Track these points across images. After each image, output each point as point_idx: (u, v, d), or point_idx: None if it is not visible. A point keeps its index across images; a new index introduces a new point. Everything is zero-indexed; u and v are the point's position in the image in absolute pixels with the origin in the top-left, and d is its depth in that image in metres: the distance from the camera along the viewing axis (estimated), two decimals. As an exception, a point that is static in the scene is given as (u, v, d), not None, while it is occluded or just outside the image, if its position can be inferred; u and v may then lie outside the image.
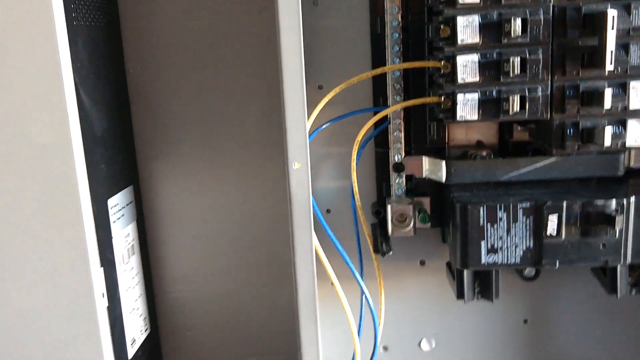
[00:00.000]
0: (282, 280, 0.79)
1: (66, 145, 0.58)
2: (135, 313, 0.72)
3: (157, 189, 0.77)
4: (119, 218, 0.68)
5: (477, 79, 0.60)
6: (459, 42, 0.59)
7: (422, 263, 0.77)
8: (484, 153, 0.69)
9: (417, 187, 0.72)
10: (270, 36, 0.71)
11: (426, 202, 0.71)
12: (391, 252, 0.69)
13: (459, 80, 0.60)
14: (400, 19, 0.67)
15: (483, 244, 0.63)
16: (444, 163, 0.66)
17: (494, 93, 0.60)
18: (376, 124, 0.70)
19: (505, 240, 0.63)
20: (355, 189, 0.69)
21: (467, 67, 0.59)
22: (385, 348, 0.80)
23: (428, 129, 0.69)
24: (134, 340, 0.71)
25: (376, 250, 0.70)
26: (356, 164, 0.68)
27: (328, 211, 0.76)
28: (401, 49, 0.67)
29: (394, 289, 0.77)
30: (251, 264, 0.79)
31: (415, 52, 0.67)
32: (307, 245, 0.62)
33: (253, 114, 0.75)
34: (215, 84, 0.75)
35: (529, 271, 0.74)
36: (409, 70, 0.68)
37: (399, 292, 0.78)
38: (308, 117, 0.64)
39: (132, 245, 0.72)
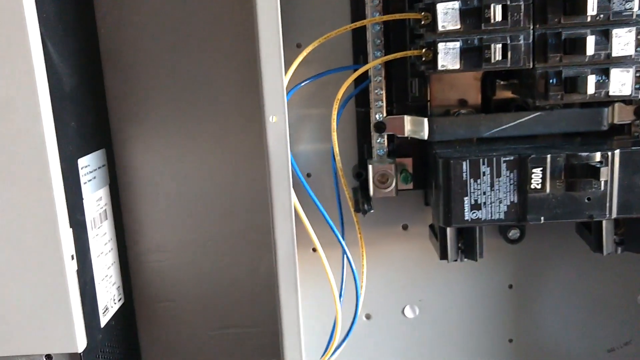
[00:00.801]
0: (262, 248, 0.76)
1: (32, 98, 0.56)
2: (107, 281, 0.69)
3: (131, 154, 0.74)
4: (90, 180, 0.66)
5: (458, 26, 0.58)
6: (439, -10, 0.57)
7: (405, 227, 0.76)
8: (465, 111, 0.67)
9: (399, 148, 0.70)
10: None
11: (408, 163, 0.70)
12: (372, 210, 0.67)
13: (440, 28, 0.58)
14: (378, -29, 0.65)
15: (466, 200, 0.61)
16: (426, 120, 0.65)
17: (475, 41, 0.58)
18: (356, 83, 0.68)
19: (489, 196, 0.61)
20: (336, 150, 0.67)
21: (447, 15, 0.58)
22: (367, 316, 0.78)
23: (410, 87, 0.68)
24: (107, 309, 0.68)
25: (357, 209, 0.68)
26: (336, 124, 0.67)
27: (308, 175, 0.74)
28: (381, 2, 0.65)
29: (375, 254, 0.75)
30: (231, 232, 0.77)
31: (396, 5, 0.65)
32: (286, 203, 0.60)
33: (232, 75, 0.73)
34: (192, 44, 0.72)
35: (514, 233, 0.72)
36: (389, 25, 0.66)
37: (381, 258, 0.76)
38: (287, 72, 0.62)
39: (105, 209, 0.70)
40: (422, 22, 0.60)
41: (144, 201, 0.75)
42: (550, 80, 0.59)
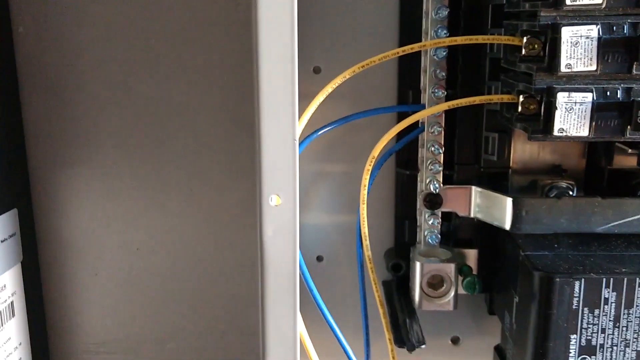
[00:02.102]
0: (247, 356, 0.54)
1: None
2: (10, 411, 0.46)
3: (60, 214, 0.51)
4: (-17, 265, 0.42)
5: (593, 67, 0.35)
6: (568, 1, 0.34)
7: (455, 341, 0.53)
8: (563, 185, 0.45)
9: (457, 231, 0.48)
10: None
11: (471, 256, 0.47)
12: (424, 345, 0.44)
13: (563, 68, 0.35)
14: (451, -34, 0.42)
15: (574, 339, 0.39)
16: (509, 201, 0.42)
17: (619, 94, 0.35)
18: (400, 133, 0.45)
19: (610, 335, 0.39)
20: (364, 229, 0.45)
21: (577, 47, 0.35)
22: None
23: (484, 144, 0.45)
24: None
25: (399, 340, 0.45)
26: (367, 191, 0.44)
27: (319, 259, 0.52)
28: (448, 15, 0.42)
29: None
30: (202, 331, 0.54)
31: (470, 21, 0.43)
32: (289, 335, 0.37)
33: (214, 104, 0.50)
34: (157, 55, 0.49)
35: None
36: (458, 50, 0.44)
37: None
38: (301, 116, 0.39)
39: (11, 302, 0.46)
40: (524, 53, 0.37)
41: (78, 282, 0.53)
42: None
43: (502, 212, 0.43)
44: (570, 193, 0.45)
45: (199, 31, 0.49)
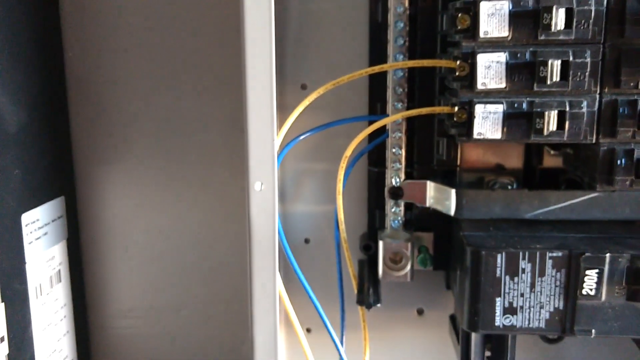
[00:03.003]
0: (247, 321, 0.64)
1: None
2: (56, 356, 0.57)
3: (99, 201, 0.63)
4: (38, 237, 0.54)
5: (503, 85, 0.45)
6: (482, 35, 0.45)
7: (420, 312, 0.63)
8: (505, 180, 0.55)
9: (418, 219, 0.57)
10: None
11: (428, 238, 0.57)
12: (379, 304, 0.54)
13: (479, 86, 0.45)
14: (407, 4, 0.52)
15: (499, 301, 0.49)
16: (453, 192, 0.52)
17: (525, 105, 0.45)
18: (370, 137, 0.55)
19: (527, 299, 0.48)
20: (340, 216, 0.55)
21: (490, 69, 0.45)
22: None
23: (436, 147, 0.55)
24: (53, 391, 0.57)
25: (360, 300, 0.55)
26: (343, 185, 0.54)
27: (306, 241, 0.62)
28: (407, 43, 0.53)
29: (382, 344, 0.62)
30: (210, 300, 0.65)
31: (425, 48, 0.53)
32: (269, 291, 0.48)
33: (221, 116, 0.61)
34: (176, 75, 0.60)
35: (554, 332, 0.59)
36: (415, 71, 0.54)
37: (388, 349, 0.63)
38: (284, 123, 0.50)
39: (59, 270, 0.58)
40: (457, 74, 0.47)
41: (111, 257, 0.64)
42: (618, 161, 0.46)
43: (449, 201, 0.53)
44: (510, 187, 0.55)
45: (212, 57, 0.60)
